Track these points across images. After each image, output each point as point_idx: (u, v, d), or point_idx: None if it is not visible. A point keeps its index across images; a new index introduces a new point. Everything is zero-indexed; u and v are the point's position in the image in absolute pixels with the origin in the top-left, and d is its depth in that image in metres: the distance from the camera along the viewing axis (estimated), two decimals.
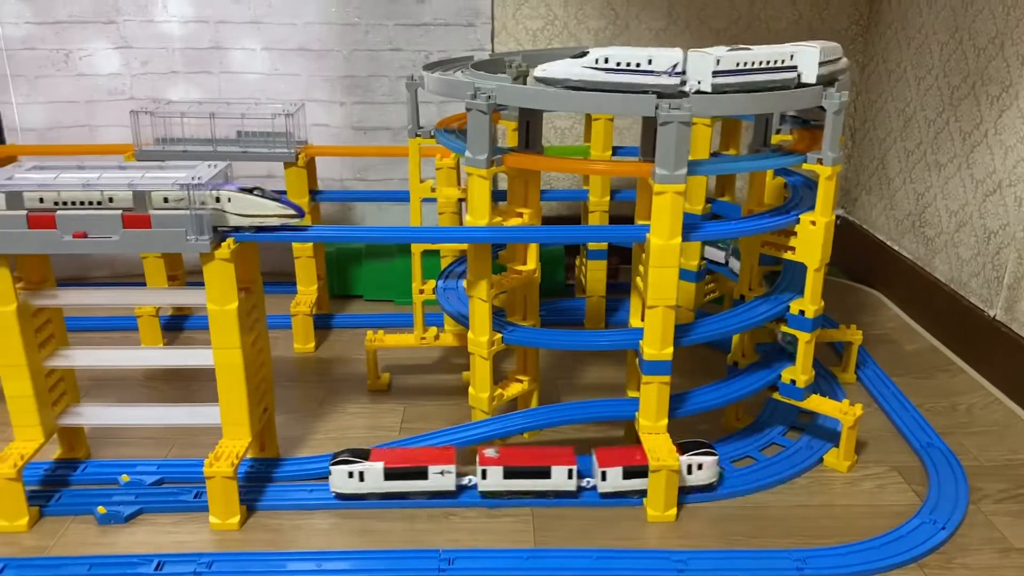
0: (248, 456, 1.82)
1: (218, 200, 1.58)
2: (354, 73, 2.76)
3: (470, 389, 1.87)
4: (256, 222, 1.60)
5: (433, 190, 2.09)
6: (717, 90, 1.55)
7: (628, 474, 1.71)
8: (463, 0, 2.71)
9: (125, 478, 1.76)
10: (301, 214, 1.62)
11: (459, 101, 1.66)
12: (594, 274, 2.44)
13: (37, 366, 1.67)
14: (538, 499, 1.71)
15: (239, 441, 1.69)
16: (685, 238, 1.61)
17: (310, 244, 2.44)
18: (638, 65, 1.54)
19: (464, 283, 2.09)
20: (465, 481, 1.74)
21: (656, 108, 1.53)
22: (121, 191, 1.56)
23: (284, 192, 2.41)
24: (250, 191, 1.59)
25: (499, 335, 1.81)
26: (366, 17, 2.70)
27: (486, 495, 1.71)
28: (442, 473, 1.70)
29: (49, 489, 1.73)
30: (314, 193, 2.46)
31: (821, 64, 1.63)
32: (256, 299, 1.74)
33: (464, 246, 2.16)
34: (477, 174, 1.69)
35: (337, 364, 2.36)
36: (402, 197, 2.61)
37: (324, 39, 2.72)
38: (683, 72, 1.55)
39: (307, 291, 2.47)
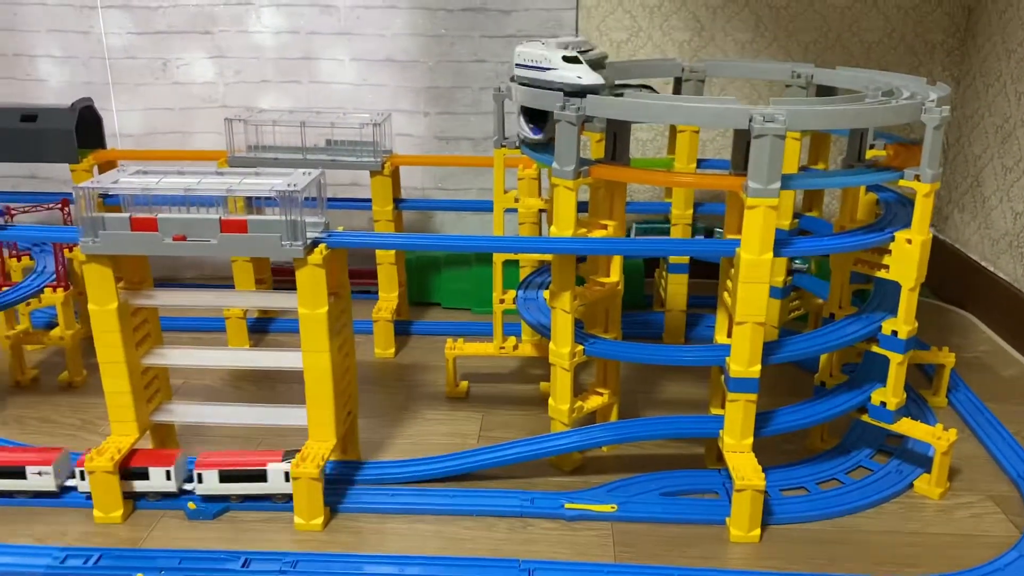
0: (331, 458, 1.84)
1: None
2: (438, 84, 2.80)
3: (550, 400, 1.86)
4: None
5: (516, 200, 2.10)
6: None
7: (225, 478, 1.70)
8: (548, 12, 2.72)
9: None
10: None
11: None
12: (675, 288, 2.41)
13: (135, 364, 1.73)
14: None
15: (324, 443, 1.72)
16: (776, 254, 1.58)
17: (393, 251, 2.48)
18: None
19: (545, 294, 2.10)
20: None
21: (750, 121, 1.50)
22: (219, 195, 1.61)
23: (369, 200, 2.45)
24: None
25: (581, 347, 1.80)
26: (453, 29, 2.73)
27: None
28: (40, 474, 1.71)
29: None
30: (398, 201, 2.50)
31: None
32: (344, 304, 1.77)
33: (547, 256, 2.17)
34: (564, 185, 1.69)
35: (416, 370, 2.38)
36: (483, 207, 2.64)
37: (411, 51, 2.76)
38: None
39: (388, 297, 2.51)
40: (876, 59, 2.78)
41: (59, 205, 2.37)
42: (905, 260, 1.70)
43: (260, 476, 1.71)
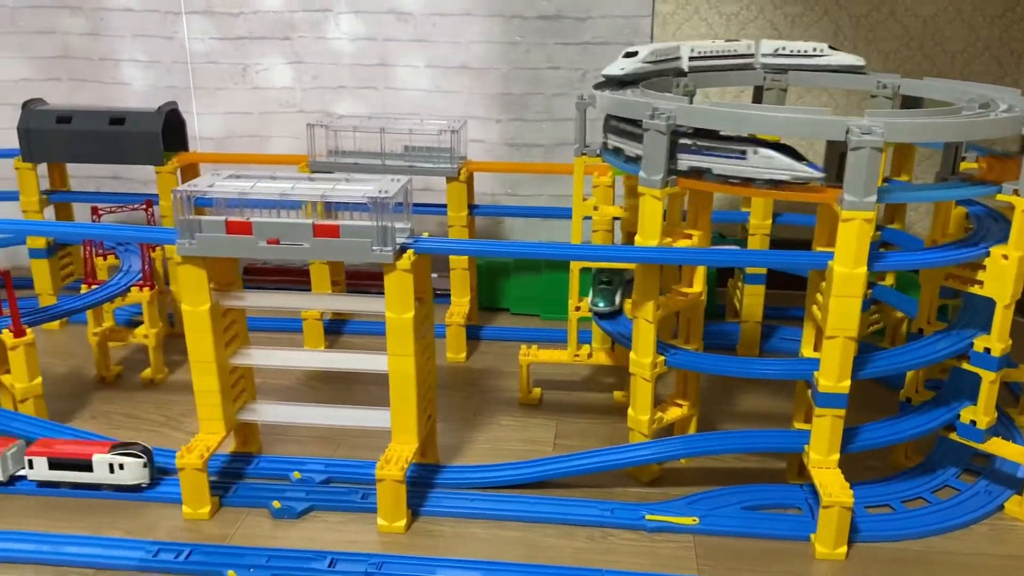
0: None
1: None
2: (512, 91, 2.81)
3: (629, 410, 1.85)
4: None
5: (596, 209, 2.10)
6: None
7: (55, 465, 1.74)
8: (624, 19, 2.72)
9: (296, 475, 1.84)
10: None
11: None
12: (751, 299, 2.39)
13: (223, 363, 1.77)
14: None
15: (407, 446, 1.74)
16: (869, 267, 1.55)
17: (466, 257, 2.49)
18: None
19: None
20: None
21: (847, 133, 1.48)
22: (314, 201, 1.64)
23: (441, 205, 2.47)
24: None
25: (662, 357, 1.79)
26: (528, 36, 2.74)
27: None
28: None
29: (227, 481, 1.83)
30: (472, 207, 2.51)
31: None
32: (428, 309, 1.79)
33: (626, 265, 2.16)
34: (651, 194, 1.68)
35: (488, 375, 2.39)
36: (557, 213, 2.64)
37: (485, 57, 2.78)
38: None
39: (461, 302, 2.52)
40: (959, 69, 2.72)
41: (143, 206, 2.43)
42: (1001, 276, 1.66)
43: (86, 466, 1.77)
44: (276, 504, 1.73)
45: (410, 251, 1.67)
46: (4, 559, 1.60)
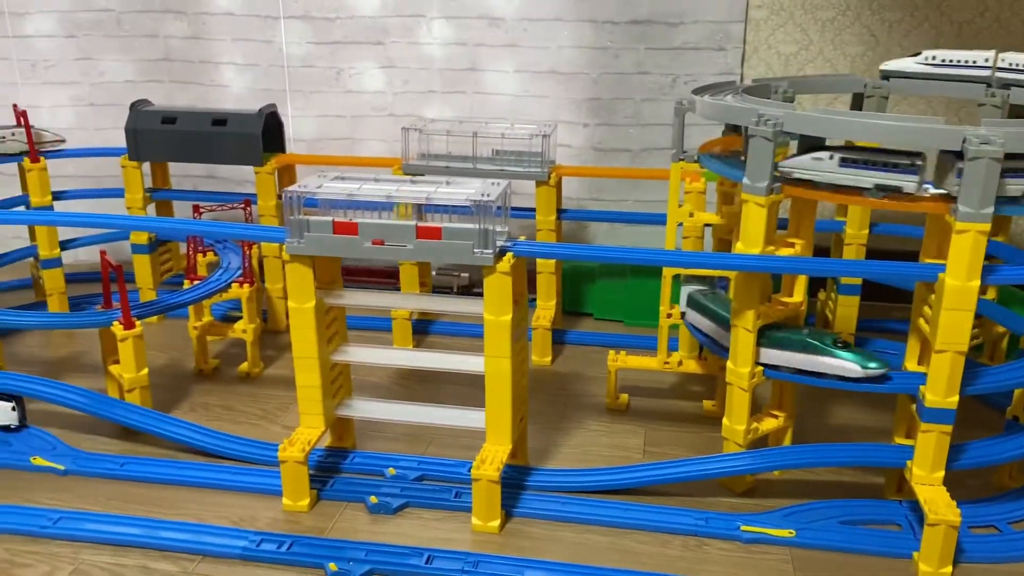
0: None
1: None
2: (600, 96, 2.81)
3: (724, 420, 1.84)
4: None
5: (691, 215, 2.08)
6: None
7: None
8: (716, 24, 2.70)
9: (391, 471, 1.87)
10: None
11: (710, 125, 1.64)
12: (845, 310, 2.34)
13: (325, 359, 1.81)
14: None
15: (501, 447, 1.75)
16: (982, 280, 1.51)
17: (553, 261, 2.50)
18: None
19: None
20: None
21: (964, 142, 1.45)
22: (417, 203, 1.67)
23: (527, 209, 2.49)
24: None
25: (760, 368, 1.77)
26: (618, 41, 2.74)
27: None
28: None
29: (324, 475, 1.87)
30: (561, 212, 2.52)
31: None
32: (523, 312, 1.80)
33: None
34: (755, 201, 1.67)
35: (573, 379, 2.39)
36: (646, 219, 2.64)
37: (575, 62, 2.79)
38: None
39: (546, 306, 2.53)
40: None
41: (242, 205, 2.51)
42: None
43: None
44: (373, 499, 1.77)
45: (509, 254, 1.68)
46: (113, 542, 1.67)
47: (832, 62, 2.73)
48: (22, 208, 2.62)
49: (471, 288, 2.88)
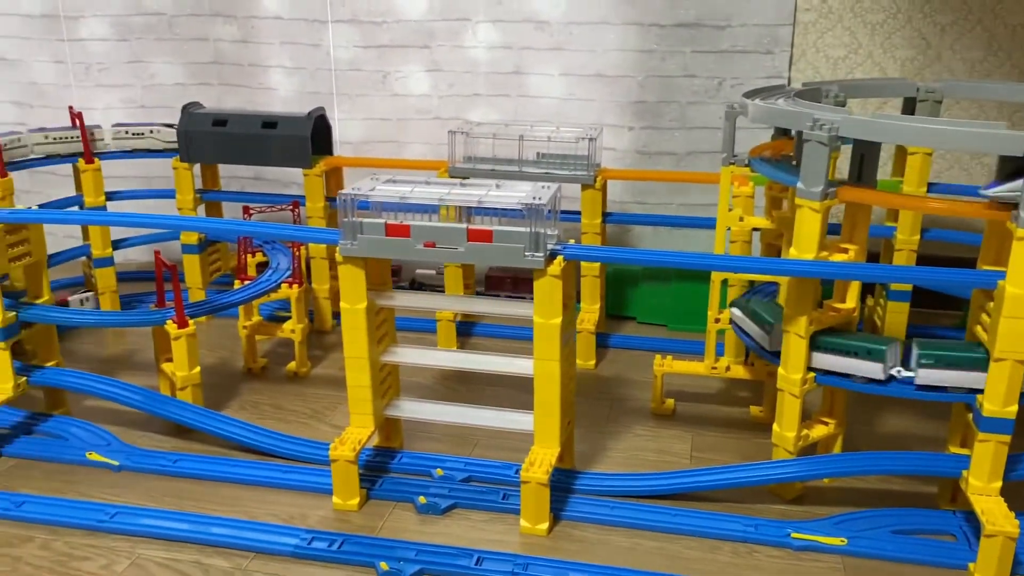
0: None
1: None
2: (645, 99, 2.80)
3: (774, 426, 1.82)
4: None
5: (741, 219, 2.07)
6: None
7: None
8: (764, 28, 2.68)
9: (439, 472, 1.88)
10: None
11: (757, 128, 1.63)
12: (894, 316, 2.31)
13: (375, 360, 1.83)
14: None
15: (549, 450, 1.76)
16: None
17: (597, 264, 2.50)
18: None
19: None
20: None
21: None
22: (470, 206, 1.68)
23: (572, 213, 2.49)
24: None
25: (812, 374, 1.76)
26: (665, 44, 2.73)
27: None
28: None
29: (373, 474, 1.89)
30: (606, 215, 2.52)
31: None
32: (571, 315, 1.80)
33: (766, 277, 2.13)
34: (809, 206, 1.65)
35: (617, 383, 2.39)
36: (693, 223, 2.63)
37: (620, 65, 2.78)
38: None
39: (591, 309, 2.53)
40: None
41: (290, 206, 2.54)
42: None
43: None
44: (422, 500, 1.78)
45: (560, 257, 1.69)
46: (167, 537, 1.70)
47: (881, 66, 2.69)
48: (76, 208, 2.67)
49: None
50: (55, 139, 2.59)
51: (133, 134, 2.64)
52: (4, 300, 1.97)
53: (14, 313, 1.98)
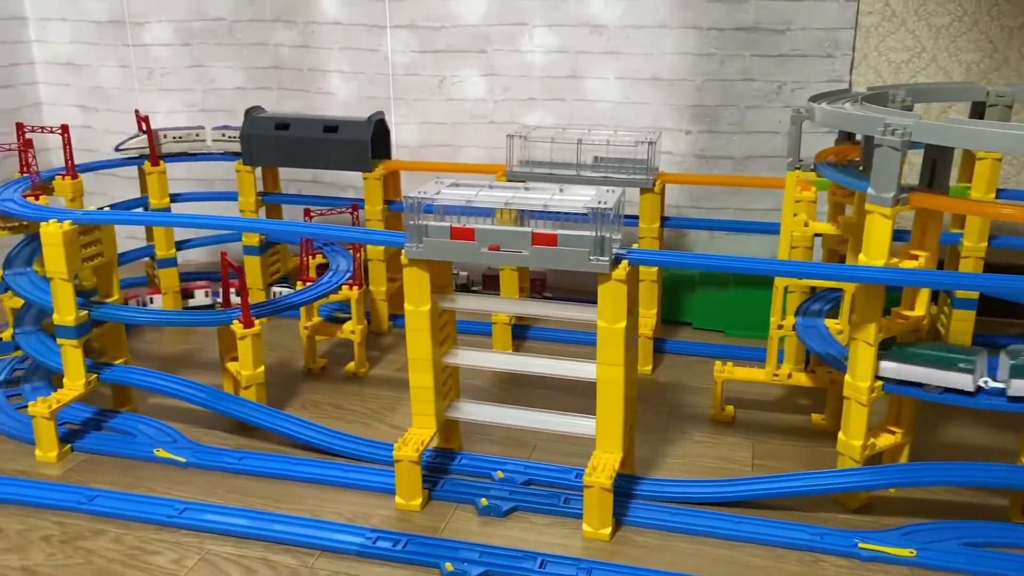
0: None
1: None
2: (703, 103, 2.79)
3: (840, 435, 1.80)
4: None
5: (806, 225, 2.05)
6: None
7: None
8: (824, 31, 2.65)
9: (500, 475, 1.89)
10: None
11: (820, 133, 1.61)
12: (960, 324, 2.27)
13: (438, 361, 1.84)
14: None
15: (612, 455, 1.75)
16: None
17: (655, 268, 2.49)
18: None
19: (827, 322, 2.04)
20: None
21: None
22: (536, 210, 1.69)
23: (636, 217, 2.48)
24: None
25: (880, 382, 1.73)
26: (724, 48, 2.72)
27: None
28: None
29: (433, 475, 1.90)
30: (664, 219, 2.51)
31: None
32: (635, 320, 1.80)
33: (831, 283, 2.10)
34: (879, 212, 1.63)
35: (674, 389, 2.38)
36: (754, 228, 2.60)
37: (678, 69, 2.77)
38: None
39: (648, 314, 2.52)
40: None
41: (349, 209, 2.57)
42: None
43: None
44: (484, 502, 1.79)
45: (625, 261, 1.69)
46: (235, 534, 1.73)
47: (946, 69, 2.65)
48: (140, 209, 2.74)
49: (469, 287, 2.94)
50: (230, 137, 2.71)
51: (230, 137, 2.68)
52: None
53: (86, 312, 2.03)
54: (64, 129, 2.41)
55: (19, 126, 2.39)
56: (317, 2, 2.98)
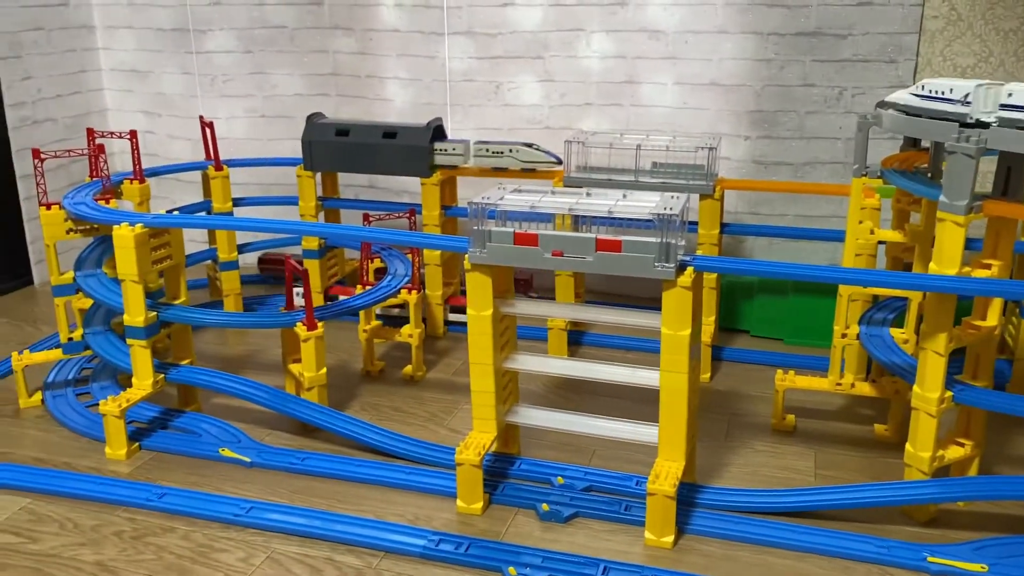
0: None
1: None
2: (762, 108, 2.76)
3: (907, 446, 1.77)
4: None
5: (872, 232, 2.02)
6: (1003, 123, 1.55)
7: None
8: (888, 36, 2.61)
9: (560, 480, 1.89)
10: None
11: (881, 139, 1.59)
12: None
13: (499, 366, 1.85)
14: None
15: (674, 463, 1.74)
16: None
17: (713, 276, 2.47)
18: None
19: (892, 331, 2.01)
20: None
21: None
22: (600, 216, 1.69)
23: (695, 224, 2.47)
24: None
25: (949, 393, 1.70)
26: (784, 53, 2.69)
27: None
28: None
29: (493, 479, 1.91)
30: (724, 225, 2.49)
31: None
32: (698, 327, 1.79)
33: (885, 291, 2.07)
34: (952, 220, 1.60)
35: (733, 398, 2.36)
36: (812, 235, 2.57)
37: (737, 74, 2.75)
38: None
39: (706, 321, 2.49)
40: None
41: (407, 214, 2.60)
42: None
43: None
44: (544, 507, 1.79)
45: (690, 268, 1.68)
46: (300, 533, 1.75)
47: (1014, 75, 2.59)
48: (203, 213, 2.80)
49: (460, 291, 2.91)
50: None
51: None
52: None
53: (155, 313, 2.08)
54: (132, 135, 2.47)
55: (90, 131, 2.46)
56: (376, 10, 3.02)
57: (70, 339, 2.33)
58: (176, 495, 1.87)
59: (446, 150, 2.60)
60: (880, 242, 2.16)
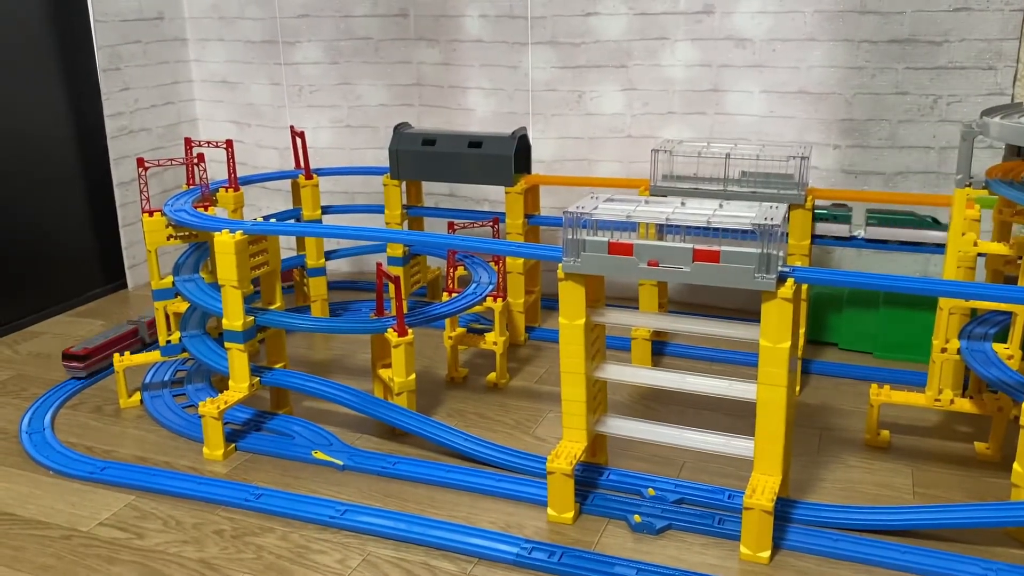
0: None
1: None
2: (853, 116, 2.71)
3: (1016, 466, 1.71)
4: None
5: (975, 244, 1.96)
6: None
7: None
8: (986, 42, 2.54)
9: (651, 492, 1.88)
10: None
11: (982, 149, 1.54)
12: None
13: (590, 375, 1.85)
14: None
15: (771, 477, 1.72)
16: None
17: (803, 286, 2.43)
18: None
19: (995, 346, 1.95)
20: None
21: None
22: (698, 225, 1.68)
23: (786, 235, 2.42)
24: None
25: None
26: (875, 60, 2.64)
27: None
28: None
29: (583, 489, 1.90)
30: (815, 237, 2.45)
31: None
32: (796, 340, 1.76)
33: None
34: None
35: (823, 412, 2.31)
36: (901, 247, 2.51)
37: (826, 82, 2.71)
38: None
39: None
40: None
41: (491, 223, 2.62)
42: None
43: None
44: (637, 518, 1.78)
45: (791, 279, 1.65)
46: (394, 537, 1.78)
47: None
48: (292, 220, 2.87)
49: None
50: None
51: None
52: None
53: (252, 317, 2.14)
54: (228, 144, 2.55)
55: (187, 141, 2.54)
56: (461, 21, 3.06)
57: (168, 342, 2.40)
58: (273, 496, 1.92)
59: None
60: (980, 254, 2.10)
